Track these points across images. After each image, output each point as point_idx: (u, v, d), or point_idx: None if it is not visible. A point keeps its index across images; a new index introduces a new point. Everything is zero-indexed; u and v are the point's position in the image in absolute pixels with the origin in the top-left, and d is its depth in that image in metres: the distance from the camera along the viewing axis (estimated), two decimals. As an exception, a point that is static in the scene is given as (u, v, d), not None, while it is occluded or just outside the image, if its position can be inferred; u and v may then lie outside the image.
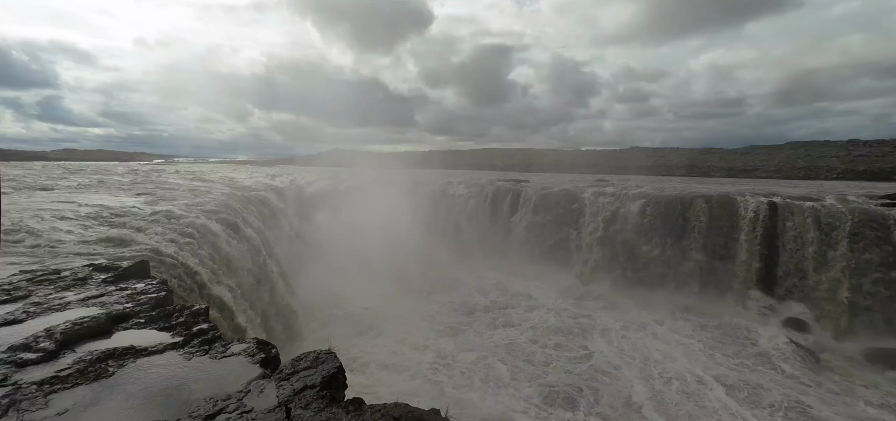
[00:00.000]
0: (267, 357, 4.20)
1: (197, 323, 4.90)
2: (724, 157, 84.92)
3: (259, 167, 67.44)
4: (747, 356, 15.23)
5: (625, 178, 49.18)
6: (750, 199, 20.87)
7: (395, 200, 31.66)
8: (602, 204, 25.43)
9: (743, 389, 12.99)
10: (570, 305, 20.54)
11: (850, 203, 18.69)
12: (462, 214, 31.81)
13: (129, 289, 5.96)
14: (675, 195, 23.53)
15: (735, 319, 18.39)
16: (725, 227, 21.13)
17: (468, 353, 15.27)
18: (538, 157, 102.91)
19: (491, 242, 29.72)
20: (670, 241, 22.47)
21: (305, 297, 18.79)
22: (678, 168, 78.86)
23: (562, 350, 15.58)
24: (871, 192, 23.86)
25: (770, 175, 66.06)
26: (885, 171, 63.82)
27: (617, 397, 12.46)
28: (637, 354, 15.30)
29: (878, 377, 13.78)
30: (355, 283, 21.53)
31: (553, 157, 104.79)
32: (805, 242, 18.59)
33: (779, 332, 16.83)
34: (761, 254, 19.71)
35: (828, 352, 15.50)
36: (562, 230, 26.71)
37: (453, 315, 19.01)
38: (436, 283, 23.44)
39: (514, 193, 30.28)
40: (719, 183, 36.82)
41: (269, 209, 22.24)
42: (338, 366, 3.85)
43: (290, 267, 19.73)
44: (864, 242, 17.15)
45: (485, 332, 17.31)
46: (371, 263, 23.42)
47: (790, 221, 19.29)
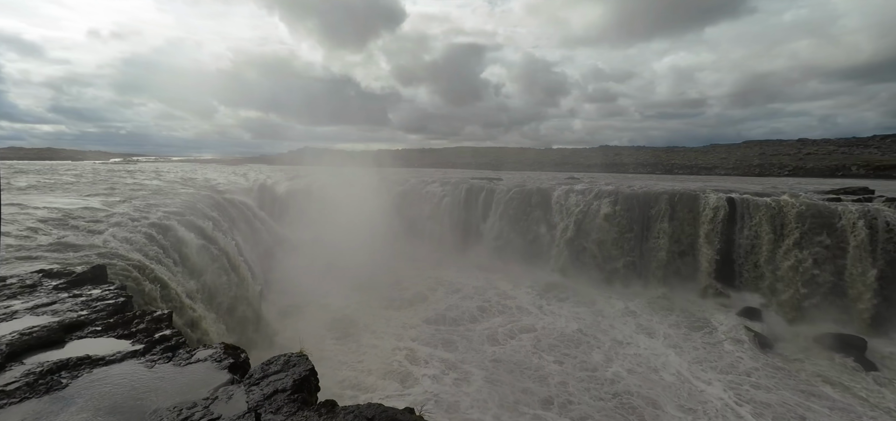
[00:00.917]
0: (236, 362, 4.08)
1: (159, 329, 4.69)
2: (686, 155, 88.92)
3: (226, 166, 65.08)
4: (705, 342, 16.11)
5: (594, 175, 50.56)
6: (710, 196, 21.90)
7: (368, 199, 31.31)
8: (573, 201, 26.05)
9: (699, 364, 14.05)
10: (540, 299, 20.95)
11: (799, 199, 19.93)
12: (436, 212, 31.81)
13: (84, 295, 5.63)
14: (641, 192, 24.38)
15: (697, 308, 19.31)
16: (688, 222, 22.09)
17: (444, 351, 15.30)
18: (511, 156, 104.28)
19: (465, 240, 29.88)
20: (637, 236, 23.30)
21: (277, 299, 18.35)
22: (644, 166, 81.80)
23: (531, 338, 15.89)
24: (818, 187, 25.57)
25: (728, 172, 69.61)
26: (830, 168, 68.56)
27: (581, 366, 12.85)
28: (606, 338, 16.10)
29: (825, 360, 14.82)
30: (329, 283, 21.17)
31: (525, 155, 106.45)
32: (760, 235, 19.71)
33: (735, 320, 17.78)
34: (720, 247, 20.74)
35: (780, 338, 16.51)
36: (534, 227, 27.17)
37: (427, 314, 18.97)
38: (410, 281, 23.33)
39: (488, 191, 30.56)
40: (682, 180, 38.44)
41: (238, 209, 21.52)
42: (310, 368, 3.78)
43: (260, 269, 19.19)
44: (812, 235, 18.34)
45: (462, 329, 17.39)
46: (345, 263, 23.07)
47: (746, 216, 20.38)
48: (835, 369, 14.26)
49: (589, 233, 24.50)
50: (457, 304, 20.13)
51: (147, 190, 20.41)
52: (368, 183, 35.77)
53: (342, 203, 29.74)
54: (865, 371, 14.05)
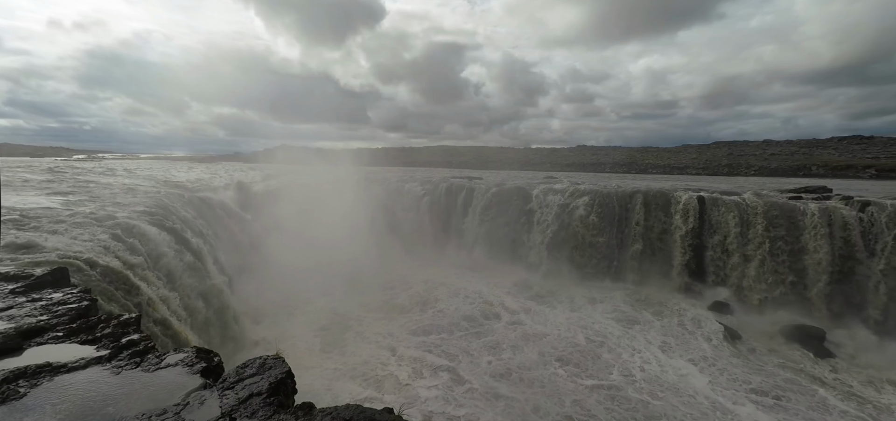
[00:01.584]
0: (209, 366, 3.95)
1: (126, 334, 4.49)
2: (659, 155, 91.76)
3: (200, 164, 63.06)
4: (677, 334, 16.72)
5: (572, 174, 51.50)
6: (682, 194, 22.64)
7: (348, 198, 30.91)
8: (552, 200, 26.45)
9: (670, 350, 14.83)
10: (525, 299, 21.19)
11: (764, 197, 20.85)
12: (417, 211, 31.71)
13: (44, 299, 5.34)
14: (617, 191, 24.98)
15: (670, 302, 19.94)
16: (662, 219, 22.78)
17: (423, 351, 15.27)
18: (491, 155, 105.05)
19: (445, 239, 29.91)
20: (614, 233, 23.87)
21: (254, 301, 17.87)
22: (620, 165, 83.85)
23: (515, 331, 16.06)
24: (781, 187, 26.80)
25: (699, 172, 72.13)
26: (792, 168, 71.96)
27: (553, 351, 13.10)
28: (582, 331, 16.41)
29: (788, 350, 15.57)
30: (308, 285, 20.78)
31: (505, 154, 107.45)
32: (728, 232, 20.51)
33: (706, 313, 18.48)
34: (692, 244, 21.48)
35: (747, 330, 17.25)
36: (513, 226, 27.44)
37: (412, 314, 18.90)
38: (391, 282, 23.20)
39: (468, 190, 30.68)
40: (656, 179, 39.61)
41: (212, 209, 20.87)
42: (286, 371, 3.69)
43: (235, 270, 18.66)
44: (776, 231, 19.22)
45: (449, 334, 17.39)
46: (324, 264, 22.70)
47: (715, 214, 21.17)
48: (797, 358, 15.00)
49: (567, 231, 24.94)
50: (442, 304, 20.10)
51: (114, 188, 19.54)
52: (348, 182, 35.33)
53: (321, 202, 29.25)
54: (824, 359, 14.84)
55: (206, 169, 44.71)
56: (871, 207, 17.86)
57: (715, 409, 11.95)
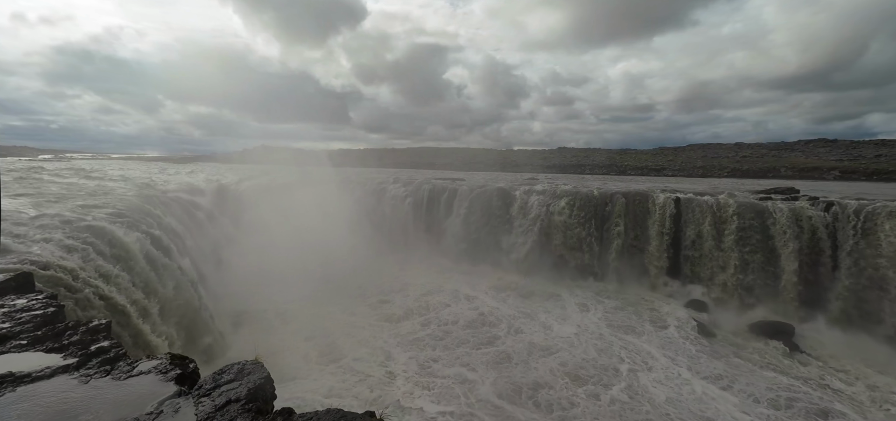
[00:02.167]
0: (184, 373, 3.84)
1: (96, 341, 4.32)
2: (637, 157, 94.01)
3: (175, 164, 61.22)
4: (654, 331, 17.14)
5: (553, 176, 52.18)
6: (659, 196, 23.22)
7: (330, 200, 30.53)
8: (534, 202, 26.73)
9: (651, 342, 15.02)
10: (511, 299, 21.34)
11: (737, 198, 21.58)
12: (399, 212, 31.56)
13: (7, 306, 5.09)
14: (597, 193, 25.43)
15: (649, 301, 20.43)
16: (640, 220, 23.31)
17: (403, 352, 15.20)
18: (473, 157, 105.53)
19: (429, 241, 29.85)
20: (594, 234, 24.29)
21: (232, 306, 17.43)
22: (600, 167, 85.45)
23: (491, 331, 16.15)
24: (753, 187, 27.82)
25: (675, 173, 74.14)
26: (763, 169, 74.76)
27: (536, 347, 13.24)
28: (564, 329, 16.53)
29: (760, 344, 16.15)
30: (289, 288, 20.37)
31: (488, 156, 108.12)
32: (702, 232, 21.15)
33: (682, 311, 18.99)
34: (669, 243, 22.05)
35: (721, 326, 17.81)
36: (496, 227, 27.60)
37: (399, 322, 18.74)
38: (375, 284, 22.98)
39: (451, 192, 30.70)
40: (634, 181, 40.51)
41: (188, 210, 20.28)
42: (265, 376, 3.63)
43: (213, 273, 18.18)
44: (748, 231, 19.91)
45: (422, 329, 17.35)
46: (306, 267, 22.32)
47: (691, 215, 21.80)
48: (768, 353, 15.57)
49: (549, 232, 25.25)
50: (435, 312, 19.94)
51: (83, 189, 18.77)
52: (329, 183, 34.90)
53: (302, 204, 28.80)
54: (792, 353, 15.45)
55: (182, 169, 43.46)
56: (835, 207, 18.69)
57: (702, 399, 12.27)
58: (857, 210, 17.96)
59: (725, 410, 11.96)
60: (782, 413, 11.89)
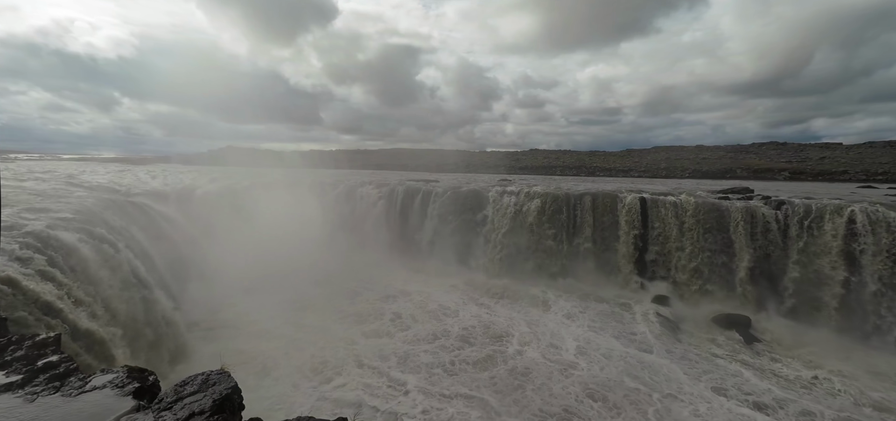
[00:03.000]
0: (143, 386, 3.63)
1: (43, 355, 4.03)
2: (606, 159, 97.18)
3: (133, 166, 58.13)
4: (623, 325, 17.78)
5: (525, 177, 53.05)
6: (626, 196, 24.03)
7: (300, 203, 29.79)
8: (506, 202, 27.07)
9: (617, 338, 15.31)
10: (477, 295, 21.51)
11: (697, 197, 22.64)
12: (371, 215, 31.21)
13: (-61, 321, 4.67)
14: (567, 193, 26.04)
15: (618, 298, 21.10)
16: (609, 220, 24.03)
17: (374, 355, 15.03)
18: (447, 158, 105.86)
19: (403, 243, 29.65)
20: (565, 233, 24.85)
21: (196, 316, 16.66)
22: (570, 168, 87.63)
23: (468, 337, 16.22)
24: (712, 188, 29.27)
25: (641, 174, 76.97)
26: (721, 170, 78.77)
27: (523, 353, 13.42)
28: (538, 327, 16.77)
29: (719, 336, 17.01)
30: (256, 296, 19.73)
31: (461, 157, 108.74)
32: (666, 230, 22.05)
33: (649, 306, 19.72)
34: (636, 242, 22.85)
35: (684, 319, 18.63)
36: (469, 228, 27.77)
37: (359, 317, 18.51)
38: (349, 290, 22.59)
39: (425, 193, 30.65)
40: (603, 182, 41.76)
41: (147, 214, 19.29)
42: (232, 386, 3.48)
43: (176, 281, 17.33)
44: (707, 229, 20.92)
45: (397, 333, 17.21)
46: (275, 272, 21.68)
47: (655, 214, 22.68)
48: (727, 343, 16.42)
49: (522, 232, 25.62)
50: (420, 322, 19.75)
51: (29, 192, 17.50)
52: (300, 185, 34.07)
53: (271, 207, 27.97)
54: (749, 343, 16.35)
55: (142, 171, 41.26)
56: (785, 206, 19.92)
57: (657, 396, 12.73)
58: (804, 209, 19.21)
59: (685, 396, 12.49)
60: (730, 396, 12.54)
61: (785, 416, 11.93)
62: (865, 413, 12.16)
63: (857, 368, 14.63)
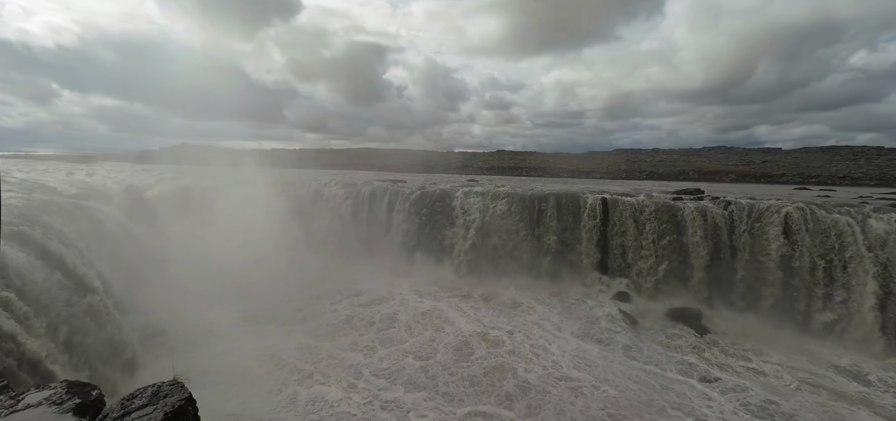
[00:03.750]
0: (84, 402, 3.37)
1: (-33, 373, 3.65)
2: (569, 160, 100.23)
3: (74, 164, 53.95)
4: (586, 321, 18.45)
5: (492, 178, 53.79)
6: (589, 196, 24.88)
7: (261, 204, 28.67)
8: (473, 203, 27.31)
9: (582, 335, 15.86)
10: (445, 296, 21.57)
11: (654, 198, 23.77)
12: (338, 216, 30.58)
13: None
14: (533, 193, 26.62)
15: (582, 295, 21.80)
16: (572, 220, 24.78)
17: (341, 358, 14.75)
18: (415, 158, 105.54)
19: (370, 245, 29.25)
20: (530, 233, 25.39)
21: (147, 322, 15.61)
22: (535, 170, 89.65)
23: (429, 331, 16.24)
24: (666, 189, 30.89)
25: (603, 176, 80.00)
26: (675, 172, 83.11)
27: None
28: (505, 324, 17.06)
29: (675, 328, 17.96)
30: (215, 302, 18.74)
31: (429, 157, 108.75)
32: (625, 230, 23.02)
33: (610, 303, 20.51)
34: (598, 241, 23.70)
35: (643, 314, 19.49)
36: (437, 228, 27.80)
37: (329, 325, 18.09)
38: (308, 292, 21.95)
39: (393, 193, 30.39)
40: (566, 183, 43.04)
41: (91, 216, 17.94)
42: (186, 397, 3.30)
43: (123, 290, 16.16)
44: (663, 228, 22.02)
45: (365, 337, 16.95)
46: (235, 277, 20.60)
47: (616, 214, 23.62)
48: (681, 335, 17.36)
49: (489, 231, 25.93)
50: (374, 319, 19.52)
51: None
52: (262, 185, 32.82)
53: (230, 208, 26.75)
54: (700, 335, 17.37)
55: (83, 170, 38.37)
56: (732, 206, 21.31)
57: (618, 389, 13.25)
58: (748, 209, 20.63)
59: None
60: (683, 379, 13.31)
61: (721, 389, 12.79)
62: (790, 389, 13.28)
63: (789, 352, 16.03)
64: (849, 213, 18.56)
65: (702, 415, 12.05)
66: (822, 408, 12.55)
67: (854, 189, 48.71)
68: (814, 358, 15.75)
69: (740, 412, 12.23)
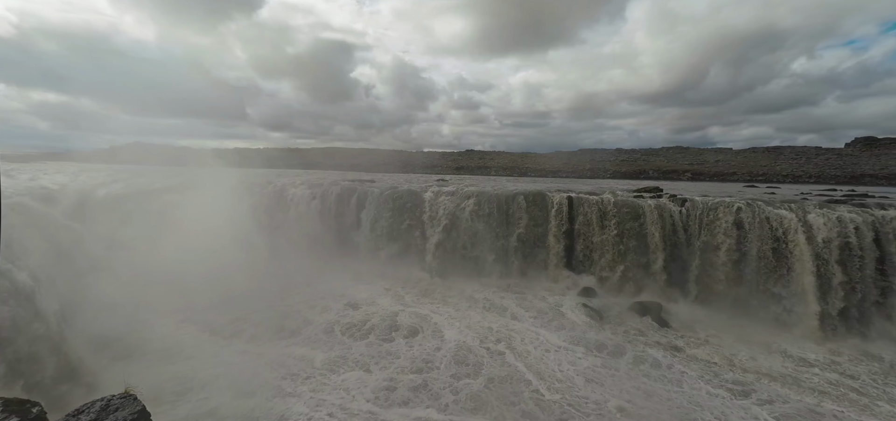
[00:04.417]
0: (24, 419, 3.12)
1: None
2: (536, 160, 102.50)
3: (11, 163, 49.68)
4: (553, 317, 18.93)
5: (461, 177, 54.08)
6: (555, 195, 25.50)
7: (222, 205, 27.45)
8: (442, 202, 27.36)
9: (549, 329, 16.21)
10: (416, 296, 21.51)
11: (617, 196, 24.69)
12: (305, 217, 29.80)
13: None
14: (501, 193, 27.00)
15: (549, 292, 22.32)
16: (540, 218, 25.34)
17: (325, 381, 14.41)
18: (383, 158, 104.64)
19: (338, 247, 28.68)
20: (499, 232, 25.74)
21: (97, 332, 14.56)
22: (503, 169, 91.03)
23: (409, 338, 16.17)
24: (629, 187, 32.16)
25: (569, 175, 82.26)
26: (636, 171, 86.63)
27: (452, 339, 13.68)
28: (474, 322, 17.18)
29: (636, 322, 18.72)
30: (172, 308, 17.76)
31: (398, 157, 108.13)
32: (590, 227, 23.79)
33: (576, 299, 21.13)
34: (564, 239, 24.35)
35: (607, 309, 20.21)
36: (407, 228, 27.66)
37: (299, 333, 17.58)
38: (274, 297, 21.26)
39: (361, 194, 29.95)
40: (534, 182, 43.93)
41: (31, 218, 16.57)
42: (139, 410, 3.10)
43: (68, 298, 15.01)
44: (625, 225, 22.91)
45: (339, 342, 16.62)
46: (192, 282, 19.47)
47: (581, 212, 24.35)
48: (642, 328, 18.14)
49: (458, 231, 26.06)
50: (322, 315, 19.14)
51: None
52: (223, 185, 31.43)
53: (188, 210, 25.44)
54: (660, 327, 18.21)
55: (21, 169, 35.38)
56: (688, 203, 22.47)
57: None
58: (703, 205, 21.82)
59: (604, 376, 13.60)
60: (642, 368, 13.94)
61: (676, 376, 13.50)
62: (734, 373, 14.20)
63: (740, 340, 17.16)
64: (791, 208, 20.01)
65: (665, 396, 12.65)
66: (764, 388, 13.48)
67: (796, 186, 52.74)
68: (760, 344, 16.89)
69: (690, 396, 12.94)
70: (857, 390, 13.61)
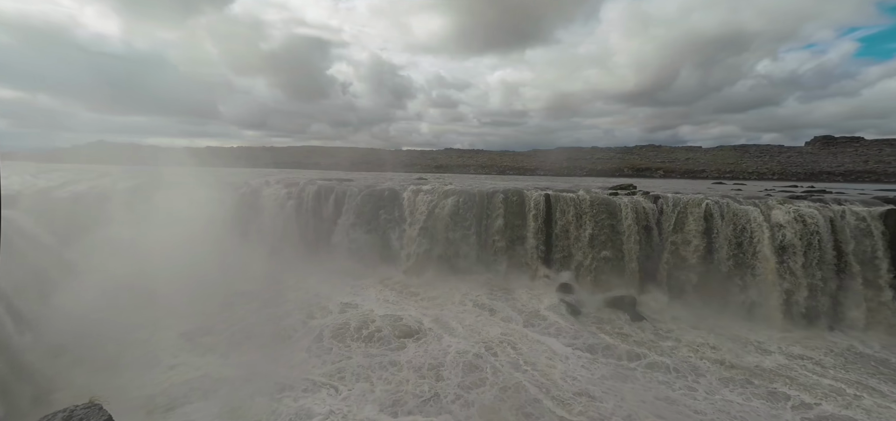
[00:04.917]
0: (-22, 435, 2.96)
1: None
2: (515, 158, 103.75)
3: (-39, 165, 46.53)
4: (532, 313, 19.33)
5: (440, 175, 54.15)
6: (533, 193, 25.86)
7: (194, 206, 26.51)
8: (421, 201, 27.34)
9: (529, 324, 16.49)
10: (395, 296, 21.46)
11: (592, 194, 25.23)
12: (281, 217, 29.20)
13: None
14: (480, 191, 27.18)
15: (528, 289, 22.66)
16: (518, 216, 25.64)
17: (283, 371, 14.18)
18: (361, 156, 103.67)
19: (316, 247, 28.26)
20: (478, 230, 25.91)
21: (59, 346, 13.76)
22: (482, 167, 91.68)
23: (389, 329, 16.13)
24: (604, 185, 32.92)
25: (546, 173, 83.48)
26: (612, 169, 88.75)
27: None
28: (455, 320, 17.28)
29: (612, 316, 19.26)
30: (141, 315, 16.97)
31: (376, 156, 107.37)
32: (567, 224, 24.24)
33: (555, 295, 21.52)
34: (542, 236, 24.73)
35: (584, 305, 20.68)
36: (386, 228, 27.52)
37: (279, 338, 17.21)
38: (249, 301, 20.70)
39: (339, 193, 29.58)
40: (512, 180, 44.41)
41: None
42: (106, 419, 3.01)
43: (29, 306, 14.23)
44: (601, 222, 23.45)
45: (314, 347, 16.40)
46: (164, 287, 18.65)
47: (558, 209, 24.78)
48: (618, 322, 18.68)
49: (437, 229, 26.09)
50: (301, 319, 18.85)
51: None
52: (195, 185, 30.41)
53: (158, 212, 24.48)
54: (635, 321, 18.78)
55: (-25, 171, 33.33)
56: (660, 200, 23.19)
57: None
58: (674, 202, 22.57)
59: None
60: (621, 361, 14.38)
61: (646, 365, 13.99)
62: (707, 364, 14.83)
63: (710, 333, 17.86)
64: (756, 204, 20.94)
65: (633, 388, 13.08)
66: (726, 375, 14.11)
67: (761, 183, 55.24)
68: (729, 334, 17.64)
69: (659, 387, 13.45)
70: (816, 373, 14.44)
